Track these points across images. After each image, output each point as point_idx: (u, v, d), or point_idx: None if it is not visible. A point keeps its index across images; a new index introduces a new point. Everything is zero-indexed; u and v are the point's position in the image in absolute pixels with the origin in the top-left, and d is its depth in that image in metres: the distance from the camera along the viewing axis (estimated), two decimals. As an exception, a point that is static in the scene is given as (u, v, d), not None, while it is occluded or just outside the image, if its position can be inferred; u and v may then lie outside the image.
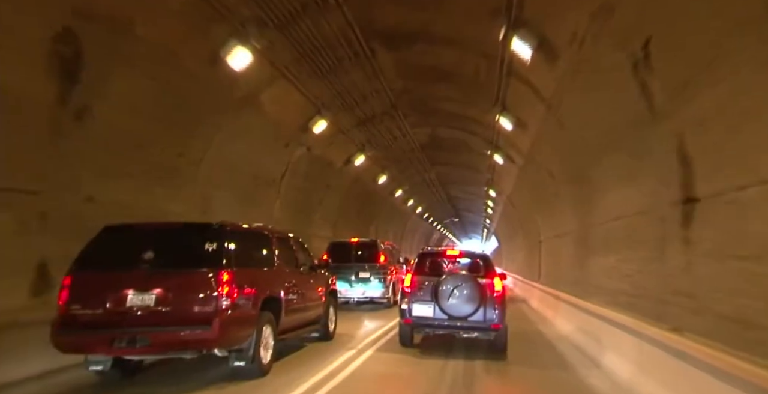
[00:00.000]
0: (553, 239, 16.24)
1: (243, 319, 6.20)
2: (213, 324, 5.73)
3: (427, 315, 8.25)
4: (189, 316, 5.80)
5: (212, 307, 5.80)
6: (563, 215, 14.02)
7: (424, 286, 8.42)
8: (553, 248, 16.31)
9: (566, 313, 11.68)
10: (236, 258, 6.22)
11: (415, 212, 40.06)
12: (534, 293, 18.80)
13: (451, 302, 8.06)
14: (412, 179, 29.70)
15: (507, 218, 31.89)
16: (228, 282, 5.89)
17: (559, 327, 11.86)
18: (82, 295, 5.88)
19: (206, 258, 6.07)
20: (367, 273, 14.79)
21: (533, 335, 11.28)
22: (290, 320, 7.52)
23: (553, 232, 16.24)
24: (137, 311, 5.78)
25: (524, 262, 27.16)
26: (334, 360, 7.68)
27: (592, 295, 10.73)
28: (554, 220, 15.68)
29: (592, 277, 11.23)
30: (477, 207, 42.78)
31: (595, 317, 8.92)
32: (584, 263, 11.79)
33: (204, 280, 5.90)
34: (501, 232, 42.32)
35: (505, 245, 43.40)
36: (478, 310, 8.05)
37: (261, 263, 7.22)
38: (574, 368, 7.75)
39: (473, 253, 10.95)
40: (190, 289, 5.94)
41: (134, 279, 5.90)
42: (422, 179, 30.73)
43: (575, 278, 12.51)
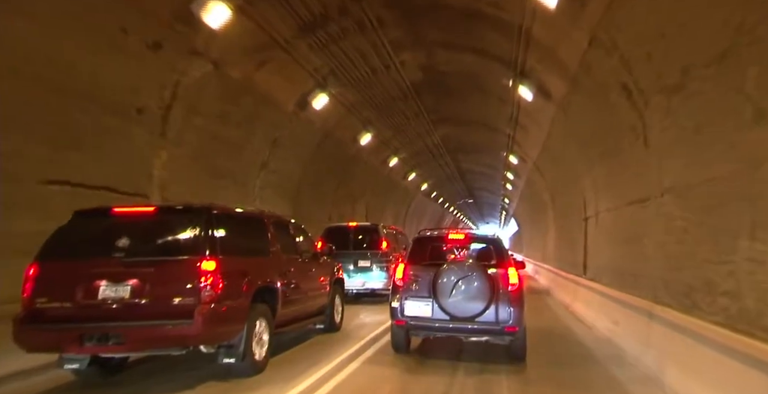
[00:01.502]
0: (621, 210, 9.91)
1: (231, 312, 5.68)
2: (195, 318, 5.28)
3: (423, 315, 6.85)
4: (168, 309, 5.36)
5: (194, 299, 5.36)
6: (652, 162, 7.71)
7: (420, 278, 6.99)
8: (620, 225, 9.99)
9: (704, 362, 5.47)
10: (223, 244, 5.72)
11: (419, 189, 33.73)
12: (578, 294, 12.59)
13: (454, 299, 6.63)
14: (410, 144, 23.39)
15: (531, 193, 25.59)
16: (213, 271, 5.43)
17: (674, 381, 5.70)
18: (48, 287, 5.45)
19: (189, 245, 5.64)
20: (367, 261, 13.26)
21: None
22: (289, 311, 7.08)
23: (619, 199, 9.92)
24: (110, 304, 5.38)
25: (556, 248, 20.84)
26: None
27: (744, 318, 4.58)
28: (626, 176, 9.35)
29: (748, 281, 4.96)
30: (494, 184, 36.55)
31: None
32: (722, 249, 5.46)
33: (185, 269, 5.48)
34: (522, 213, 35.99)
35: (527, 227, 37.11)
36: (488, 308, 6.60)
37: (254, 250, 6.64)
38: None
39: (482, 236, 9.06)
40: (169, 279, 5.50)
41: (107, 269, 5.48)
42: (424, 145, 24.43)
43: (691, 280, 6.22)
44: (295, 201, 16.50)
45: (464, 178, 37.54)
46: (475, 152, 27.33)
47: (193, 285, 5.38)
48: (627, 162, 9.01)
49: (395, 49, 13.10)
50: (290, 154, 14.98)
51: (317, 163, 17.14)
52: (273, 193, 14.69)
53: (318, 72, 12.77)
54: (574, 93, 10.67)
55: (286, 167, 15.16)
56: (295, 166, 15.81)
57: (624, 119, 8.48)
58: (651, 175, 7.73)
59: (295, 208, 16.39)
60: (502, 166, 27.17)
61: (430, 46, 13.31)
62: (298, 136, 14.85)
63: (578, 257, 15.19)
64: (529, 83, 12.36)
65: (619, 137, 9.00)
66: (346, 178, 20.69)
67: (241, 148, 12.03)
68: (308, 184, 17.29)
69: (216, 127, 10.85)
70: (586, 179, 13.13)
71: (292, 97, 13.03)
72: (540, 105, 13.35)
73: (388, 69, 14.19)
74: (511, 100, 14.97)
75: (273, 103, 12.46)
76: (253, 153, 12.74)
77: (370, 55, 13.19)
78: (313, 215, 17.78)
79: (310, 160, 16.56)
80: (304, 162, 16.27)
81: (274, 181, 14.49)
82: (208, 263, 5.43)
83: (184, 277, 5.45)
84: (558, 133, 14.19)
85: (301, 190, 16.80)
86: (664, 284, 7.06)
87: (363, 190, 23.60)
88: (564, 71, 10.33)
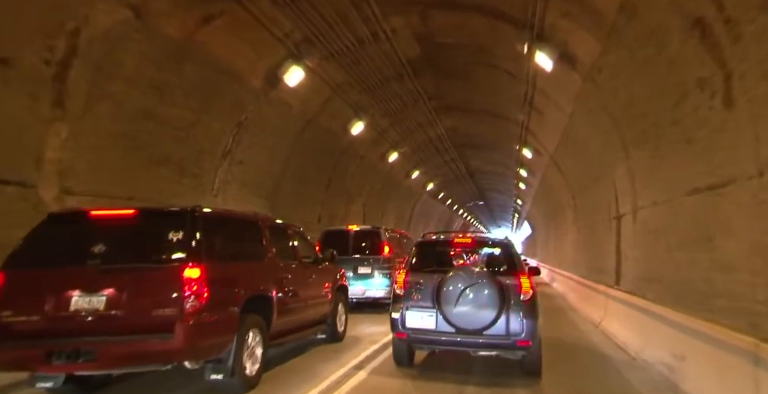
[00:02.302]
0: (677, 202, 7.38)
1: (218, 323, 5.28)
2: (177, 331, 4.87)
3: (426, 327, 6.30)
4: (147, 321, 4.95)
5: (176, 310, 4.93)
6: (738, 128, 5.22)
7: (422, 286, 6.45)
8: (676, 222, 7.44)
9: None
10: (210, 250, 5.32)
11: (425, 189, 31.27)
12: (610, 309, 10.11)
13: (460, 309, 6.10)
14: (411, 137, 20.98)
15: (546, 192, 23.12)
16: (197, 279, 5.00)
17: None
18: (15, 298, 5.05)
19: (171, 250, 5.20)
20: (368, 268, 12.44)
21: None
22: (286, 321, 6.65)
23: (673, 188, 7.40)
24: (83, 317, 4.95)
25: (576, 253, 18.32)
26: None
27: None
28: (685, 155, 6.83)
29: None
30: (506, 184, 34.12)
31: None
32: None
33: (167, 277, 5.06)
34: (536, 214, 33.44)
35: (542, 230, 34.55)
36: (498, 320, 6.04)
37: (246, 255, 6.29)
38: None
39: (492, 240, 8.48)
40: (149, 288, 5.10)
41: (81, 278, 5.08)
42: (426, 138, 22.01)
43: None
44: (274, 200, 14.14)
45: (474, 178, 35.06)
46: (485, 147, 24.86)
47: (176, 295, 4.98)
48: (690, 135, 6.52)
49: (384, 12, 10.72)
50: (263, 142, 12.62)
51: (301, 155, 14.78)
52: (242, 190, 12.34)
53: (289, 38, 10.42)
54: (609, 52, 8.22)
55: (258, 159, 12.80)
56: (270, 158, 13.45)
57: (688, 73, 6.02)
58: (737, 147, 5.26)
59: (274, 208, 14.05)
60: (514, 163, 24.69)
61: (426, 6, 10.89)
62: (272, 121, 12.48)
63: (607, 264, 12.69)
64: (548, 48, 9.90)
65: (679, 101, 6.52)
66: (339, 174, 18.31)
67: (189, 130, 9.68)
68: (290, 181, 14.92)
69: (150, 101, 8.50)
70: (619, 169, 10.65)
71: (257, 70, 10.66)
72: (561, 78, 10.89)
73: (376, 39, 11.80)
74: (524, 76, 12.52)
75: (232, 76, 10.09)
76: (207, 138, 10.38)
77: (353, 20, 10.81)
78: (298, 216, 15.41)
79: (291, 152, 14.19)
80: (282, 154, 13.91)
81: (241, 174, 12.13)
82: (191, 271, 5.04)
83: (165, 286, 5.05)
84: (582, 114, 11.73)
85: (281, 187, 14.44)
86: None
87: (359, 188, 21.21)
88: (597, 23, 7.90)
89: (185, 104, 9.27)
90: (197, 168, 10.28)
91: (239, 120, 11.13)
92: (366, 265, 12.37)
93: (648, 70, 7.25)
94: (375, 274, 12.38)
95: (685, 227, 6.87)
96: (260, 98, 11.39)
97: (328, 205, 18.14)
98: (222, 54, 9.51)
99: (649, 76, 7.28)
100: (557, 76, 10.99)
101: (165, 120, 8.93)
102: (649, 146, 8.18)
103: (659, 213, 8.13)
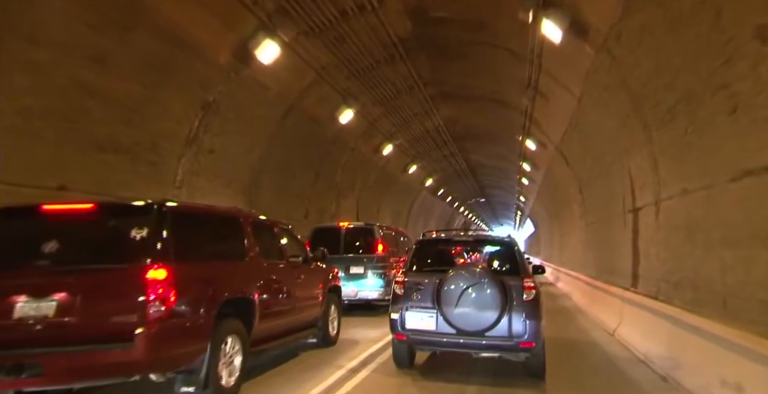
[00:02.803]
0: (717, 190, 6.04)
1: (188, 330, 4.84)
2: (137, 340, 4.41)
3: (426, 328, 6.16)
4: (104, 330, 4.49)
5: (138, 316, 4.48)
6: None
7: (422, 286, 6.29)
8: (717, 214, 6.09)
9: None
10: (180, 248, 4.84)
11: (423, 185, 29.93)
12: (627, 314, 8.83)
13: (461, 310, 5.95)
14: (406, 127, 19.64)
15: (551, 186, 21.81)
16: (163, 281, 4.54)
17: None
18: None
19: (134, 249, 4.71)
20: (360, 267, 11.75)
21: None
22: (270, 326, 6.23)
23: (713, 172, 6.05)
24: (30, 325, 4.47)
25: (585, 251, 17.00)
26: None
27: None
28: (730, 130, 5.49)
29: None
30: (508, 180, 32.81)
31: None
32: None
33: (128, 279, 4.58)
34: (540, 211, 32.12)
35: (545, 228, 33.24)
36: (500, 321, 5.88)
37: (224, 255, 5.79)
38: None
39: (494, 238, 8.30)
40: (107, 292, 4.60)
41: (28, 280, 4.61)
42: (423, 130, 20.69)
43: None
44: (253, 194, 12.84)
45: (475, 174, 33.73)
46: (485, 140, 23.52)
47: (137, 299, 4.49)
48: (738, 103, 5.19)
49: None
50: (238, 129, 11.31)
51: (283, 146, 13.47)
52: (212, 182, 11.03)
53: (260, 7, 9.10)
54: (632, 12, 6.89)
55: (233, 148, 11.48)
56: (248, 147, 12.14)
57: (744, 22, 4.69)
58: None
59: (253, 203, 12.75)
60: (516, 157, 23.34)
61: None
62: (247, 104, 11.17)
63: (621, 263, 11.38)
64: (557, 15, 8.57)
65: (727, 61, 5.19)
66: (327, 167, 16.99)
67: (142, 110, 8.35)
68: (272, 173, 13.62)
69: (88, 74, 7.18)
70: (637, 155, 9.32)
71: (223, 43, 9.33)
72: (571, 52, 9.56)
73: (362, 10, 10.47)
74: (528, 54, 11.20)
75: (193, 48, 8.77)
76: (166, 120, 9.06)
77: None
78: (281, 211, 14.13)
79: (272, 142, 12.88)
80: (262, 143, 12.60)
81: (212, 165, 10.82)
82: (157, 272, 4.58)
83: (125, 289, 4.58)
84: (594, 95, 10.40)
85: (261, 180, 13.13)
86: None
87: (351, 183, 19.89)
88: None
89: (136, 80, 7.96)
90: (155, 155, 8.96)
91: (206, 101, 9.81)
92: (359, 264, 11.76)
93: (683, 28, 5.93)
94: (368, 274, 11.76)
95: (733, 220, 5.53)
96: (231, 78, 10.07)
97: (316, 200, 16.83)
98: (179, 22, 8.19)
99: (685, 35, 5.95)
100: (566, 50, 9.66)
101: (109, 97, 7.60)
102: (680, 123, 6.84)
103: (692, 203, 6.79)
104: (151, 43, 7.95)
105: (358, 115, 15.78)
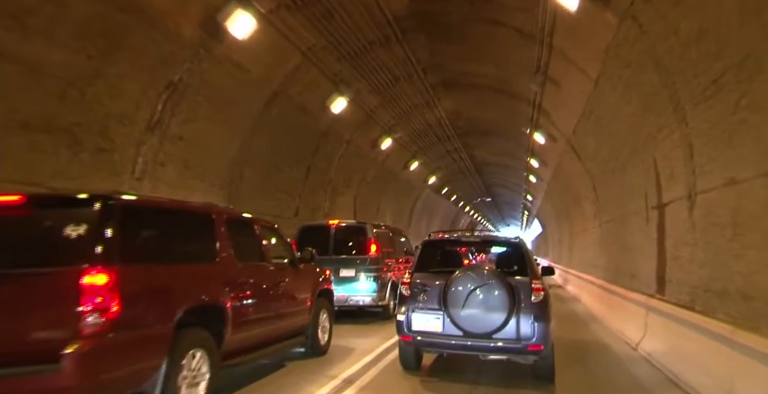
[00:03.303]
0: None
1: (137, 345, 4.10)
2: (65, 361, 3.60)
3: (433, 330, 6.08)
4: (25, 349, 3.74)
5: (68, 331, 3.72)
6: None
7: (429, 287, 6.22)
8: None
9: None
10: (130, 249, 4.16)
11: (426, 183, 28.67)
12: (656, 327, 7.57)
13: (468, 311, 5.87)
14: (406, 119, 18.41)
15: (561, 183, 20.55)
16: (104, 287, 3.81)
17: None
18: None
19: (68, 250, 4.00)
20: (351, 270, 10.65)
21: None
22: (246, 336, 5.56)
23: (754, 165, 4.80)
24: None
25: (600, 252, 15.71)
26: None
27: None
28: None
29: None
30: (515, 178, 31.54)
31: None
32: None
33: (57, 285, 3.85)
34: (548, 210, 30.82)
35: (554, 228, 31.91)
36: (508, 323, 5.80)
37: (189, 256, 5.02)
38: None
39: (502, 239, 8.42)
40: (31, 302, 3.82)
41: None
42: (425, 123, 19.45)
43: None
44: (233, 189, 11.64)
45: (480, 172, 32.47)
46: (491, 134, 22.25)
47: (69, 310, 3.72)
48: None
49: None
50: (213, 115, 10.10)
51: (269, 136, 12.28)
52: (182, 174, 9.83)
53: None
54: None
55: (207, 136, 10.28)
56: (226, 136, 10.94)
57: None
58: None
59: (234, 198, 11.58)
60: (524, 153, 22.06)
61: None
62: (223, 87, 9.96)
63: (642, 266, 10.12)
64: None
65: None
66: (320, 161, 15.77)
67: (84, 86, 7.11)
68: (256, 167, 12.43)
69: (6, 37, 5.96)
70: (665, 142, 8.05)
71: (187, 11, 8.11)
72: (588, 23, 8.32)
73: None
74: (537, 32, 9.97)
75: (147, 15, 7.53)
76: (119, 100, 7.82)
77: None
78: (267, 208, 12.97)
79: (255, 131, 11.69)
80: (243, 132, 11.40)
81: (182, 154, 9.62)
82: (95, 276, 3.81)
83: (55, 298, 3.81)
84: (614, 75, 9.14)
85: (243, 174, 11.94)
86: None
87: (347, 179, 18.67)
88: None
89: (74, 47, 6.73)
90: (106, 141, 7.74)
91: (170, 81, 8.60)
92: (350, 266, 10.75)
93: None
94: (360, 277, 10.76)
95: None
96: (200, 55, 8.86)
97: (308, 197, 15.62)
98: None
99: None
100: (583, 22, 8.42)
101: (37, 66, 6.38)
102: (728, 97, 5.57)
103: (744, 195, 5.52)
104: (93, 5, 6.73)
105: (353, 105, 14.57)
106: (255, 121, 11.53)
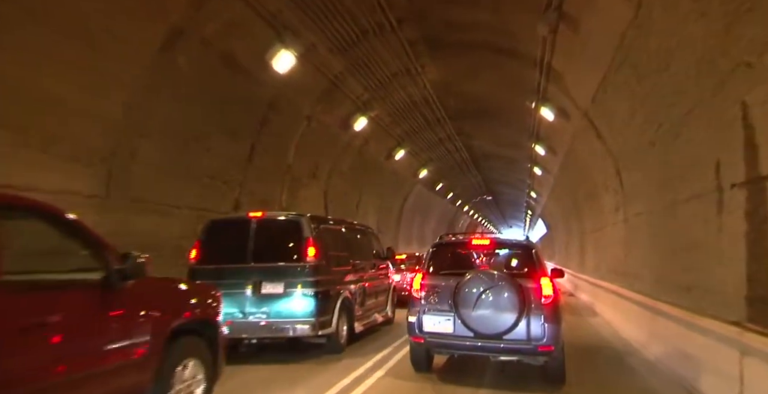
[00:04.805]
0: None
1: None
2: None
3: (444, 331, 6.28)
4: None
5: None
6: None
7: (440, 289, 6.38)
8: None
9: None
10: None
11: (417, 177, 25.23)
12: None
13: (479, 313, 6.05)
14: (383, 91, 15.01)
15: (574, 171, 17.14)
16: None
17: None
18: None
19: None
20: (278, 284, 7.58)
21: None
22: None
23: None
24: None
25: (625, 255, 12.29)
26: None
27: None
28: None
29: None
30: (517, 172, 28.25)
31: None
32: None
33: None
34: (555, 207, 27.43)
35: (562, 227, 28.49)
36: (518, 324, 5.97)
37: None
38: None
39: (511, 241, 8.54)
40: None
41: None
42: (407, 98, 16.06)
43: None
44: (118, 169, 8.26)
45: (479, 167, 29.09)
46: (488, 115, 18.83)
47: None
48: None
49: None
50: (59, 51, 6.73)
51: (180, 96, 8.92)
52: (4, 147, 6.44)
53: None
54: None
55: (53, 84, 6.90)
56: (98, 88, 7.56)
57: None
58: None
59: (121, 183, 8.22)
60: (527, 139, 18.63)
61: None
62: (75, 6, 6.59)
63: (710, 277, 6.80)
64: None
65: None
66: (272, 141, 12.36)
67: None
68: (164, 139, 9.09)
69: None
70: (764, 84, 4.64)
71: None
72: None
73: None
74: None
75: None
76: None
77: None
78: (192, 200, 9.66)
79: (151, 87, 8.31)
80: (128, 86, 8.01)
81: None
82: None
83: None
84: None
85: (139, 149, 8.56)
86: None
87: (313, 167, 15.28)
88: None
89: None
90: None
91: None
92: (276, 279, 7.61)
93: None
94: (292, 294, 7.57)
95: None
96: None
97: (254, 186, 12.23)
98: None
99: None
100: None
101: None
102: None
103: None
104: None
105: (308, 66, 11.23)
106: (150, 71, 8.16)
